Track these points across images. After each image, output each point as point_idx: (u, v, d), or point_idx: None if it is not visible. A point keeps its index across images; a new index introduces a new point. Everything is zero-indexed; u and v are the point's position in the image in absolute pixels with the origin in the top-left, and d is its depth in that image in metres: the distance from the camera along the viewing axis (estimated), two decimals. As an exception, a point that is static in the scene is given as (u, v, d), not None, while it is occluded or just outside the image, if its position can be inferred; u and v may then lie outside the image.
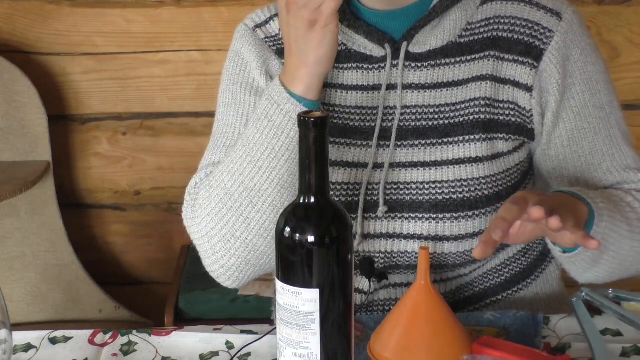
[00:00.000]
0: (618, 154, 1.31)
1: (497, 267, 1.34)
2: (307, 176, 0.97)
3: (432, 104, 1.27)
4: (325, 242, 0.97)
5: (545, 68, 1.25)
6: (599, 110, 1.30)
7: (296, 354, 0.98)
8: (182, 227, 1.34)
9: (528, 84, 1.25)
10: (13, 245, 2.51)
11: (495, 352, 1.05)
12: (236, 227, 1.22)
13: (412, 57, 1.27)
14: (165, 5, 2.50)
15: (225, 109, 1.34)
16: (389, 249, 1.28)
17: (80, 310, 2.54)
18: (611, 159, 1.30)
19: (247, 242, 1.22)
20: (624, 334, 1.23)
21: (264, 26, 1.34)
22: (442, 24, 1.26)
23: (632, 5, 2.47)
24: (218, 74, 2.58)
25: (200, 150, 2.74)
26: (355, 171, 1.28)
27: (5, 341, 1.07)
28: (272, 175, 1.19)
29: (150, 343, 1.24)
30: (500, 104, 1.26)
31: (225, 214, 1.22)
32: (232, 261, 1.25)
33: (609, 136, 1.30)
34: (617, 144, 1.31)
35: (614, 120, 1.31)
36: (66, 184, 2.61)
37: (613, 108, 1.32)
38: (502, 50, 1.26)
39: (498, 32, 1.27)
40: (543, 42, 1.25)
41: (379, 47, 1.27)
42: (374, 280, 1.29)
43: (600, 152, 1.30)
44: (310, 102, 1.18)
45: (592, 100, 1.29)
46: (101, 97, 2.57)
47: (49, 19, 2.51)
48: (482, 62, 1.26)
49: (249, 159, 1.20)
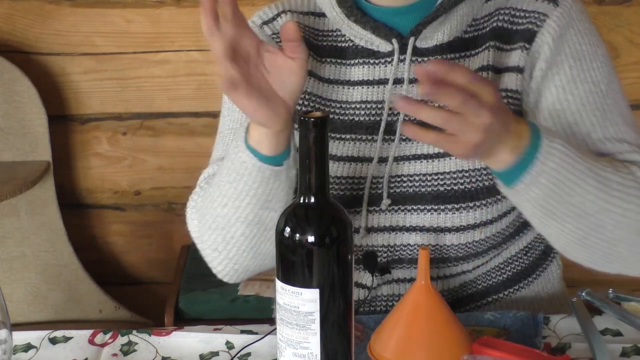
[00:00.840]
0: (613, 127, 1.23)
1: (499, 265, 1.34)
2: (307, 176, 0.97)
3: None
4: (325, 242, 0.97)
5: (537, 49, 1.25)
6: (590, 85, 1.24)
7: (296, 354, 0.98)
8: (182, 227, 1.34)
9: (519, 65, 1.25)
10: (13, 245, 2.51)
11: (495, 352, 1.05)
12: (217, 243, 1.24)
13: (419, 52, 1.28)
14: (165, 5, 2.50)
15: (231, 105, 1.34)
16: (391, 243, 1.29)
17: (80, 310, 2.54)
18: (602, 130, 1.23)
19: (229, 257, 1.24)
20: (624, 334, 1.23)
21: (271, 23, 1.34)
22: (449, 20, 1.27)
23: (632, 5, 2.47)
24: (218, 74, 2.58)
25: (201, 150, 2.75)
26: (361, 165, 1.28)
27: (5, 341, 1.07)
28: (237, 213, 1.18)
29: (150, 343, 1.24)
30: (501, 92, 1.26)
31: (207, 230, 1.24)
32: (221, 266, 1.27)
33: (600, 109, 1.23)
34: (611, 119, 1.23)
35: (610, 99, 1.25)
36: (66, 184, 2.61)
37: (611, 89, 1.26)
38: (502, 40, 1.27)
39: (498, 23, 1.28)
40: (537, 25, 1.25)
41: (386, 42, 1.28)
42: (376, 275, 1.30)
43: (589, 122, 1.23)
44: (264, 157, 1.12)
45: (581, 76, 1.24)
46: (101, 97, 2.57)
47: (49, 19, 2.51)
48: (484, 53, 1.27)
49: (219, 192, 1.20)
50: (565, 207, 1.09)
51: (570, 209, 1.10)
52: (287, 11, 1.34)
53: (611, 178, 1.11)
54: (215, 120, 1.30)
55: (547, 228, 1.14)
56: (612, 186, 1.11)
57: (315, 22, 1.34)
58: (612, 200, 1.11)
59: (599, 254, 1.15)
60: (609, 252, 1.15)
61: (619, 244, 1.14)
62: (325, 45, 1.32)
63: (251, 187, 1.15)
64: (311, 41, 1.32)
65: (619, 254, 1.15)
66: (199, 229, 1.27)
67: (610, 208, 1.11)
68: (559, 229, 1.13)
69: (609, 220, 1.11)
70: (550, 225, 1.13)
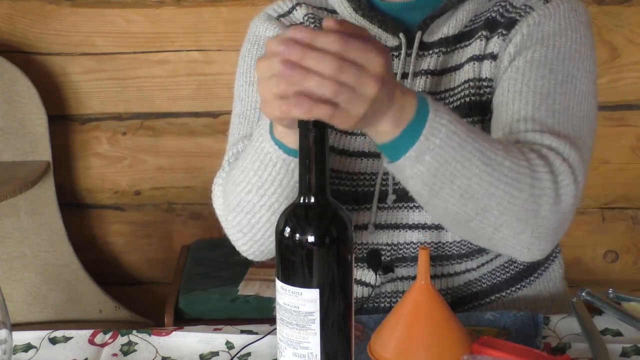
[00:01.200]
0: (545, 112, 1.16)
1: (504, 264, 1.34)
2: (307, 176, 0.97)
3: (436, 90, 1.29)
4: (325, 242, 0.97)
5: (512, 36, 1.25)
6: (546, 71, 1.19)
7: (296, 354, 0.98)
8: (182, 227, 1.34)
9: (494, 52, 1.25)
10: (13, 245, 2.52)
11: (495, 352, 1.05)
12: (242, 225, 1.22)
13: (424, 45, 1.29)
14: (165, 5, 2.50)
15: (249, 87, 1.33)
16: (395, 241, 1.29)
17: (80, 310, 2.54)
18: (532, 110, 1.17)
19: (255, 239, 1.23)
20: (624, 334, 1.23)
21: (287, 16, 1.35)
22: (456, 15, 1.28)
23: (632, 5, 2.47)
24: (218, 74, 2.59)
25: (201, 150, 2.75)
26: (372, 161, 1.29)
27: (5, 341, 1.07)
28: (262, 200, 1.17)
29: (150, 343, 1.24)
30: (481, 82, 1.27)
31: (231, 211, 1.23)
32: (247, 247, 1.25)
33: (542, 94, 1.17)
34: (549, 104, 1.17)
35: (561, 90, 1.18)
36: (66, 184, 2.61)
37: (569, 83, 1.19)
38: (491, 30, 1.27)
39: (492, 14, 1.29)
40: (520, 15, 1.26)
41: (393, 37, 1.28)
42: (380, 273, 1.30)
43: (524, 102, 1.18)
44: (289, 149, 1.09)
45: (542, 61, 1.20)
46: (101, 97, 2.57)
47: (49, 19, 2.51)
48: (475, 43, 1.28)
49: (243, 177, 1.18)
50: (450, 187, 1.04)
51: (455, 190, 1.05)
52: (302, 3, 1.35)
53: (502, 162, 1.05)
54: (215, 120, 1.30)
55: (432, 208, 1.10)
56: (502, 170, 1.05)
57: (328, 17, 1.34)
58: (499, 185, 1.05)
59: (484, 237, 1.12)
60: (493, 236, 1.10)
61: (503, 230, 1.09)
62: None
63: (275, 178, 1.13)
64: None
65: (503, 239, 1.11)
66: (224, 209, 1.25)
67: (496, 192, 1.06)
68: (443, 209, 1.08)
69: (495, 204, 1.06)
70: (434, 204, 1.08)
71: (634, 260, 2.64)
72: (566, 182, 1.10)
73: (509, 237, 1.10)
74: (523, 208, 1.08)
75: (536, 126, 1.16)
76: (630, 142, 2.57)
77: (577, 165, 1.12)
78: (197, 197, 2.59)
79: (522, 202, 1.07)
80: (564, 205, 1.10)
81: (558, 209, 1.10)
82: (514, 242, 1.11)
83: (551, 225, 1.11)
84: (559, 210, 1.10)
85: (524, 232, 1.10)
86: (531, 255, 1.14)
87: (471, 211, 1.07)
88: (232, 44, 2.36)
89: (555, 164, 1.10)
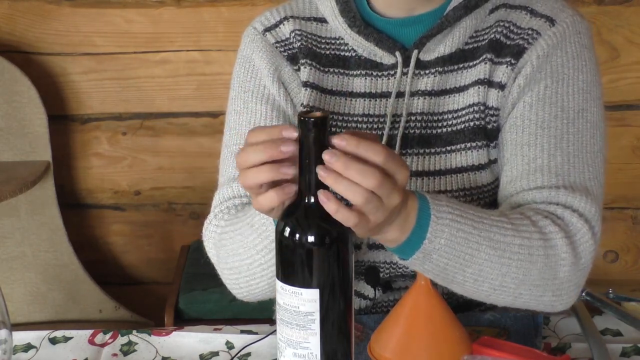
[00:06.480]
0: (560, 158, 1.19)
1: None
2: (307, 176, 0.97)
3: (436, 111, 1.26)
4: (325, 242, 0.97)
5: (521, 66, 1.23)
6: (558, 109, 1.21)
7: (296, 354, 0.98)
8: (182, 227, 1.34)
9: (502, 81, 1.23)
10: (13, 245, 2.51)
11: (495, 352, 1.05)
12: (240, 282, 1.23)
13: (421, 64, 1.26)
14: (165, 5, 2.50)
15: (237, 117, 1.32)
16: (393, 260, 1.27)
17: (80, 310, 2.54)
18: (548, 158, 1.19)
19: (249, 290, 1.23)
20: (624, 334, 1.23)
21: (274, 30, 1.32)
22: (453, 32, 1.25)
23: (632, 5, 2.47)
24: (218, 74, 2.59)
25: (201, 150, 2.74)
26: None
27: (5, 341, 1.07)
28: (264, 272, 1.18)
29: (150, 343, 1.24)
30: (488, 109, 1.25)
31: (228, 269, 1.23)
32: (239, 291, 1.25)
33: (557, 136, 1.19)
34: (562, 148, 1.19)
35: (574, 128, 1.20)
36: (66, 184, 2.61)
37: (580, 118, 1.21)
38: (497, 54, 1.25)
39: (496, 35, 1.26)
40: (528, 42, 1.23)
41: (389, 55, 1.26)
42: (379, 289, 1.29)
43: (539, 148, 1.20)
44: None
45: (553, 98, 1.21)
46: (101, 97, 2.57)
47: (49, 19, 2.51)
48: (480, 66, 1.25)
49: (244, 251, 1.19)
50: (462, 275, 1.08)
51: (467, 276, 1.08)
52: (290, 17, 1.32)
53: (511, 242, 1.08)
54: (215, 120, 1.29)
55: (451, 288, 1.13)
56: (512, 249, 1.08)
57: (318, 28, 1.32)
58: (512, 264, 1.09)
59: (506, 303, 1.15)
60: (514, 302, 1.14)
61: (524, 297, 1.13)
62: (329, 54, 1.30)
63: (271, 242, 1.11)
64: (314, 49, 1.30)
65: (525, 303, 1.14)
66: (218, 262, 1.25)
67: (509, 271, 1.09)
68: (462, 290, 1.13)
69: (511, 280, 1.10)
70: (452, 287, 1.12)
71: (633, 260, 2.63)
72: (585, 239, 1.13)
73: (530, 301, 1.14)
74: (539, 277, 1.11)
75: (552, 179, 1.18)
76: (630, 142, 2.57)
77: (592, 217, 1.15)
78: (197, 197, 2.59)
79: (538, 272, 1.10)
80: (584, 261, 1.14)
81: (577, 267, 1.13)
82: (535, 304, 1.15)
83: (571, 283, 1.14)
84: (578, 268, 1.13)
85: (544, 294, 1.13)
86: (555, 309, 1.17)
87: (488, 289, 1.11)
88: (232, 44, 2.35)
89: (572, 223, 1.14)
